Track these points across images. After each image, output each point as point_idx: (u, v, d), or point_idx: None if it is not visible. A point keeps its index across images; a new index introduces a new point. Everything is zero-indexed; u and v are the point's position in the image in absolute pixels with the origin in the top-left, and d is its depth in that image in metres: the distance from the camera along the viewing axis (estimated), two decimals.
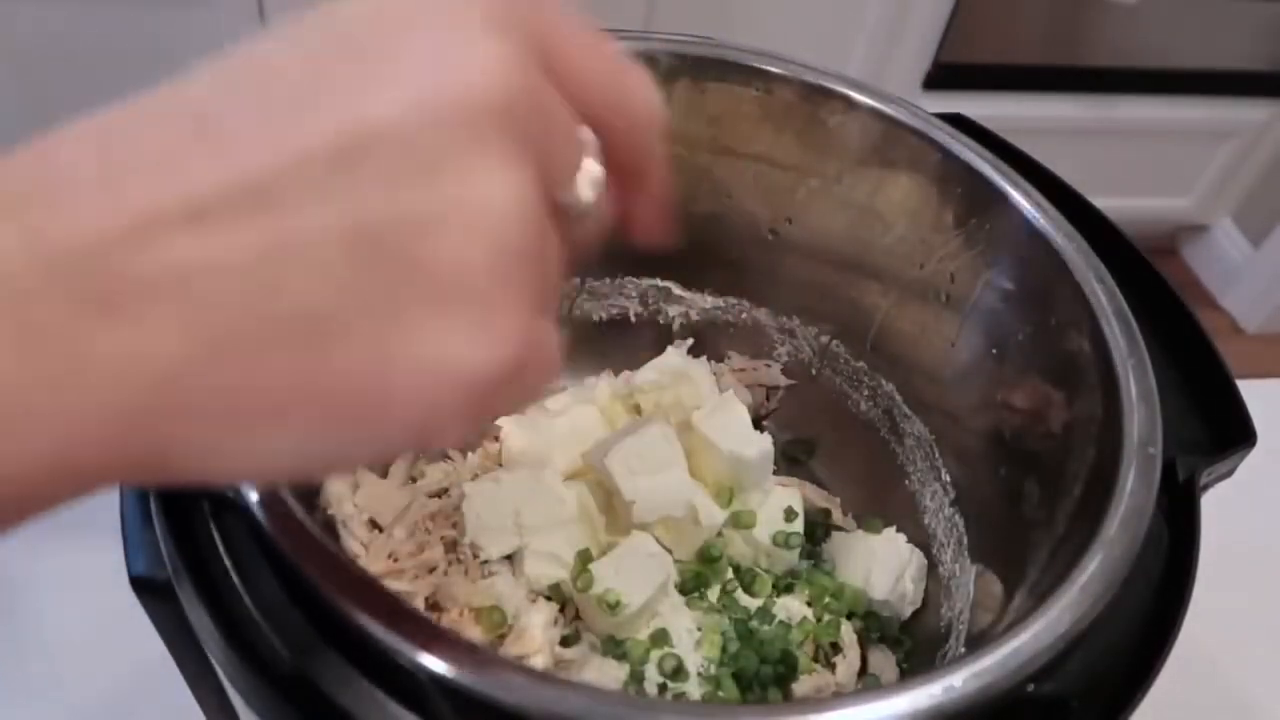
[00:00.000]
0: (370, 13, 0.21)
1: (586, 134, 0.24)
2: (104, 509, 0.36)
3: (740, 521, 0.53)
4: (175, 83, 0.20)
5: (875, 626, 0.53)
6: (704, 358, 0.58)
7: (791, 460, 0.60)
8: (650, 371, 0.57)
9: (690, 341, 0.59)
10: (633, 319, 0.59)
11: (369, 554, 0.49)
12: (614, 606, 0.48)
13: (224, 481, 0.23)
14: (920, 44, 1.56)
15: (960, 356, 0.51)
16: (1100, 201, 0.47)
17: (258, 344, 0.19)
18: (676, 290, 0.58)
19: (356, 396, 0.20)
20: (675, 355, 0.58)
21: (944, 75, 1.61)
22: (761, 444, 0.53)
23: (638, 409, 0.57)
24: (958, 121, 0.49)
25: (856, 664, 0.51)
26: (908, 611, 0.53)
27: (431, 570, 0.50)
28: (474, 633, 0.48)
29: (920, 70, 1.60)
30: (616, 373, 0.59)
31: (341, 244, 0.19)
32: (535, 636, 0.48)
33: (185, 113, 0.20)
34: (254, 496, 0.31)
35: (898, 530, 0.55)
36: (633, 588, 0.48)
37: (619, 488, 0.50)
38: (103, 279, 0.18)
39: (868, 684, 0.51)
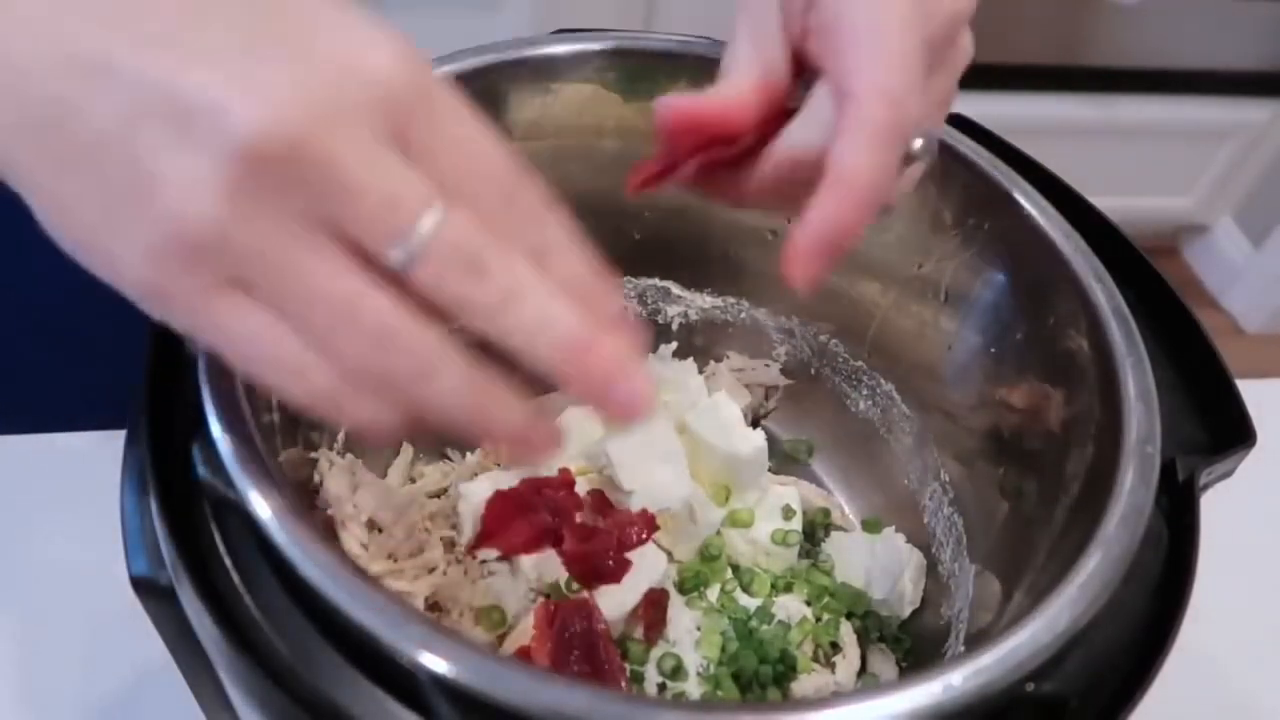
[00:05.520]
0: None
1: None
2: (104, 508, 0.36)
3: (738, 520, 0.53)
4: None
5: (874, 626, 0.53)
6: (690, 360, 0.58)
7: (791, 460, 0.60)
8: None
9: (675, 345, 0.59)
10: (631, 319, 0.59)
11: (368, 554, 0.49)
12: None
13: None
14: None
15: (959, 356, 0.51)
16: (1100, 201, 0.47)
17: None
18: (675, 290, 0.58)
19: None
20: (657, 363, 0.58)
21: None
22: (755, 441, 0.53)
23: None
24: (958, 121, 0.49)
25: (856, 663, 0.51)
26: (907, 611, 0.53)
27: (431, 570, 0.50)
28: (474, 633, 0.48)
29: None
30: None
31: (110, 130, 0.25)
32: None
33: None
34: (255, 497, 0.31)
35: (897, 530, 0.55)
36: (627, 586, 0.48)
37: (618, 477, 0.50)
38: None
39: (867, 683, 0.51)
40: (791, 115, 0.35)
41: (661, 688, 0.48)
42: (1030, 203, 0.45)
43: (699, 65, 0.50)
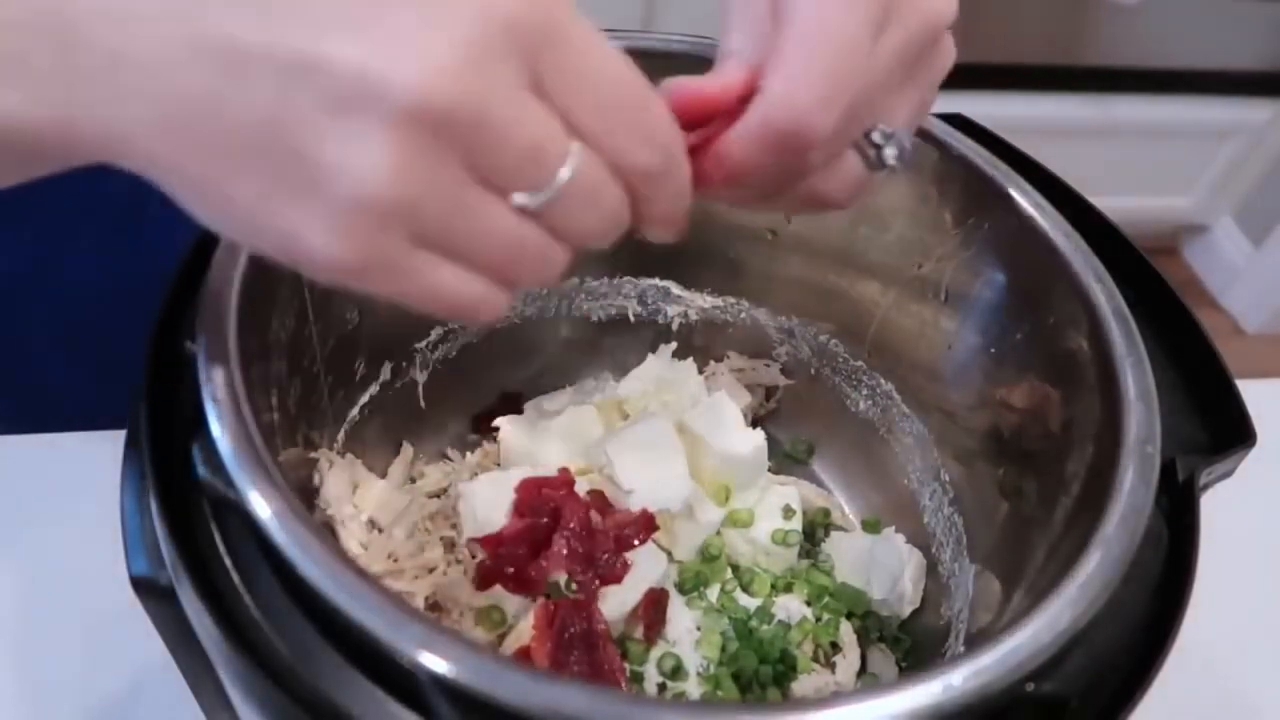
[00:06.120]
0: None
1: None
2: (103, 508, 0.36)
3: (738, 520, 0.53)
4: None
5: (874, 626, 0.53)
6: (690, 360, 0.58)
7: (791, 460, 0.60)
8: (634, 381, 0.57)
9: (674, 345, 0.59)
10: (631, 319, 0.59)
11: (369, 554, 0.49)
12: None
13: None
14: None
15: (959, 356, 0.51)
16: (1100, 201, 0.47)
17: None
18: (675, 290, 0.58)
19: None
20: (657, 363, 0.58)
21: None
22: (754, 440, 0.53)
23: (627, 419, 0.57)
24: (958, 121, 0.49)
25: (856, 663, 0.51)
26: (907, 611, 0.53)
27: (431, 570, 0.50)
28: (474, 633, 0.48)
29: None
30: (615, 373, 0.59)
31: (264, 119, 0.25)
32: None
33: None
34: (255, 497, 0.31)
35: (897, 530, 0.55)
36: (627, 586, 0.48)
37: (617, 476, 0.50)
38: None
39: (867, 683, 0.51)
40: None
41: (661, 688, 0.48)
42: (1030, 203, 0.45)
43: (699, 65, 0.50)
